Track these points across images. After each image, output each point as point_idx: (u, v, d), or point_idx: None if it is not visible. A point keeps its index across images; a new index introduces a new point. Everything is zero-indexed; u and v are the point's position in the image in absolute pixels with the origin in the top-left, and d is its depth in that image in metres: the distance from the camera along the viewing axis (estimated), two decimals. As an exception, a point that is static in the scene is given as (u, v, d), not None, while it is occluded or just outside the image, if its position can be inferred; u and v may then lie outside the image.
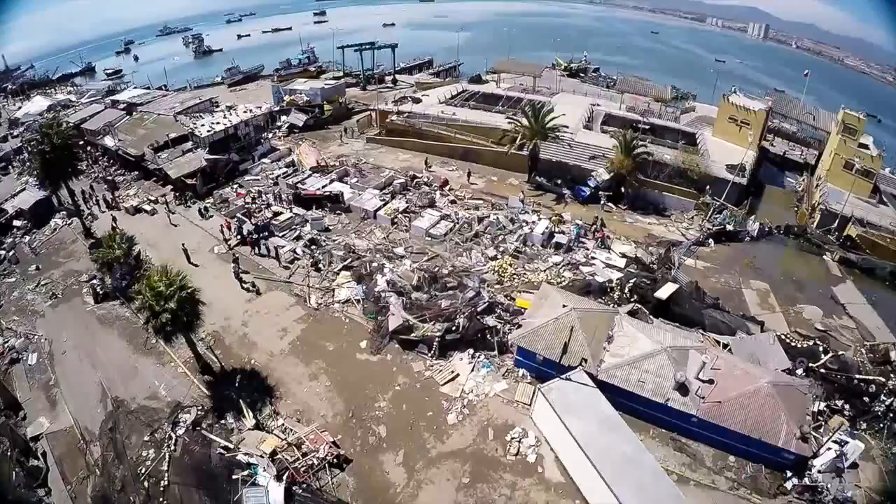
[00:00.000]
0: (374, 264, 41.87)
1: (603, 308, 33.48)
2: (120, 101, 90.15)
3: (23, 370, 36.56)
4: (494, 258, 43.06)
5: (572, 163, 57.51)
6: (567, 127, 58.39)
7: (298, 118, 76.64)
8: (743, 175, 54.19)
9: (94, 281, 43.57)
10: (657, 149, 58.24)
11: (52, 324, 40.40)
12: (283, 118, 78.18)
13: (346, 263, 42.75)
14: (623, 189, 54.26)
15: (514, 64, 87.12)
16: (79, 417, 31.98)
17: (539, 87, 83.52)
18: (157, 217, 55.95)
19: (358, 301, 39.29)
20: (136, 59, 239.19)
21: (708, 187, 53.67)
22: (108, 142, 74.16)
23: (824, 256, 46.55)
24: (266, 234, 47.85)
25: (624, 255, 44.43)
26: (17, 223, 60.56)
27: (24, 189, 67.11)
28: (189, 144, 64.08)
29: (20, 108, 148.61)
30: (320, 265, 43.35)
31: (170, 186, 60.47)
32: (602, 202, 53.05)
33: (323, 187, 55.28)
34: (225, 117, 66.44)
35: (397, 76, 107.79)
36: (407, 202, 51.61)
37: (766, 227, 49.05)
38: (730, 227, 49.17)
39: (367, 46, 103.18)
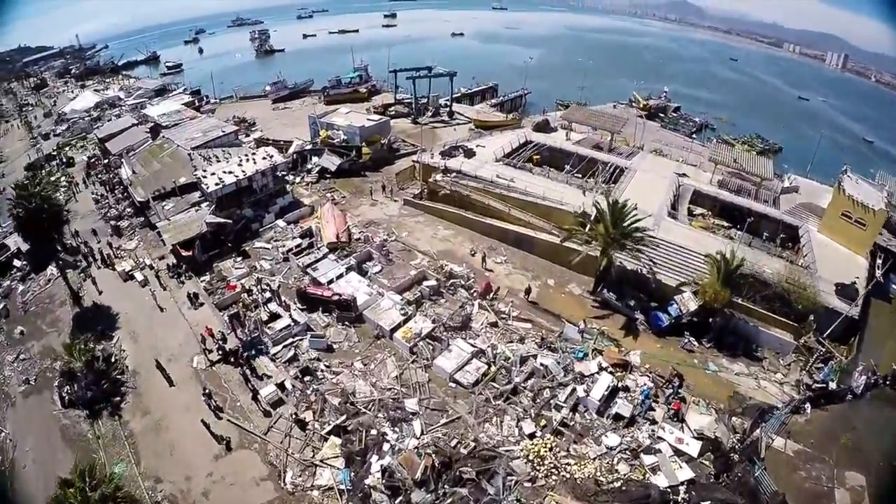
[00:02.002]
0: (373, 432, 31.06)
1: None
2: (149, 118, 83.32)
3: (-17, 477, 32.21)
4: (532, 436, 31.42)
5: (651, 275, 44.94)
6: (652, 235, 45.33)
7: (331, 161, 66.70)
8: (856, 303, 40.96)
9: (63, 379, 37.16)
10: (754, 256, 45.60)
11: (20, 418, 36.90)
12: (315, 159, 68.44)
13: (338, 422, 32.12)
14: (711, 319, 41.52)
15: (589, 114, 74.33)
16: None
17: (616, 139, 70.77)
18: (146, 291, 47.64)
19: (342, 493, 28.70)
20: (200, 51, 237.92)
21: (811, 318, 40.57)
22: (124, 172, 66.84)
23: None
24: (254, 352, 38.03)
25: (700, 436, 32.20)
26: (16, 263, 55.69)
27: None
28: (197, 195, 55.17)
29: (76, 96, 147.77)
30: (307, 418, 32.94)
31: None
32: (685, 341, 40.61)
33: (337, 278, 45.07)
34: (240, 164, 57.22)
35: (456, 105, 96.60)
36: (434, 320, 40.34)
37: (872, 379, 36.18)
38: (832, 385, 36.37)
39: (423, 73, 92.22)
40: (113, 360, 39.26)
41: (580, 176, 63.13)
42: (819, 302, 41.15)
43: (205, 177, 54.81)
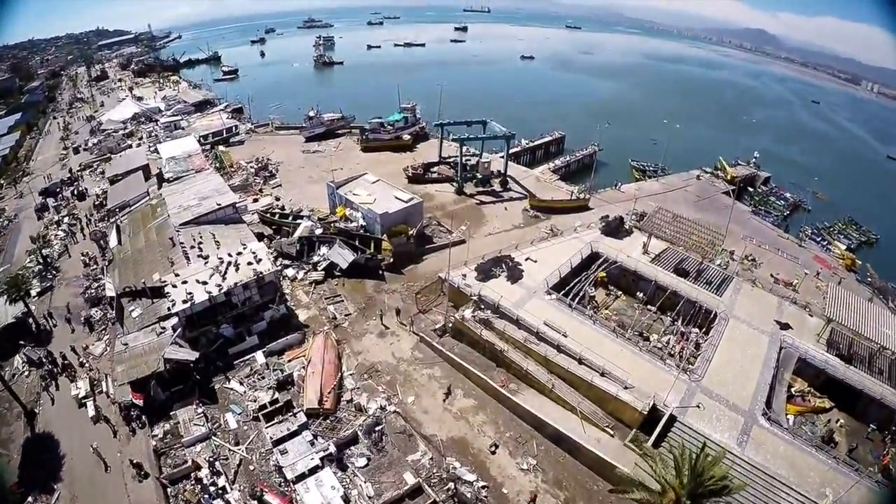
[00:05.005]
0: None
1: None
2: (159, 161, 74.39)
3: None
4: None
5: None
6: (736, 457, 31.08)
7: (343, 257, 53.76)
8: None
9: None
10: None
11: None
12: (324, 250, 56.02)
13: None
14: None
15: (678, 227, 59.11)
16: None
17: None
18: (98, 430, 39.34)
19: None
20: (262, 54, 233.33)
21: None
22: (112, 240, 57.20)
23: None
24: None
25: None
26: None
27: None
28: (167, 304, 43.84)
29: (125, 98, 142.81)
30: None
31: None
32: None
33: (310, 472, 33.32)
34: (220, 270, 45.58)
35: (512, 165, 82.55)
36: None
37: None
38: None
39: (473, 135, 78.94)
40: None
41: (655, 311, 49.56)
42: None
43: (174, 286, 43.58)
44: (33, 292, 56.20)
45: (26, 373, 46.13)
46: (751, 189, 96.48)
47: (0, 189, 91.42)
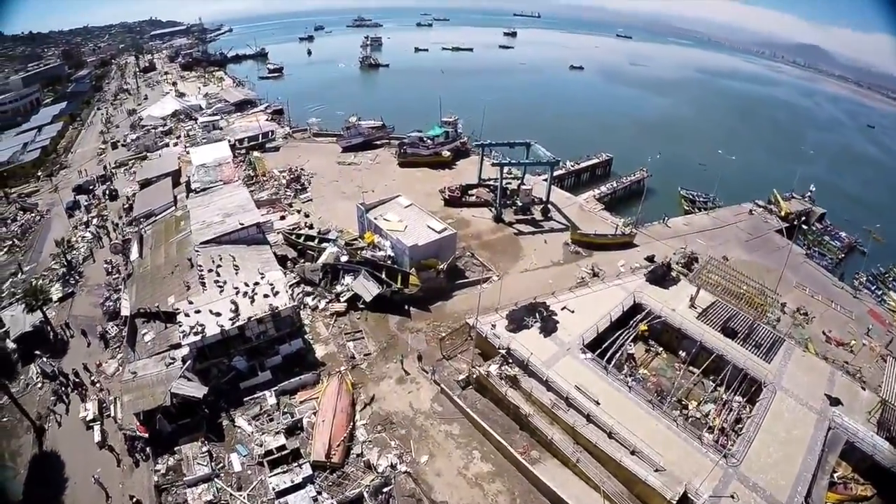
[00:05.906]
0: None
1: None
2: (190, 165, 73.39)
3: None
4: None
5: None
6: None
7: (367, 289, 50.92)
8: None
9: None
10: None
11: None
12: (348, 280, 53.33)
13: None
14: None
15: (727, 277, 54.84)
16: None
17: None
18: (103, 455, 38.55)
19: None
20: (309, 52, 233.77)
21: None
22: (133, 252, 56.08)
23: None
24: None
25: None
26: (10, 344, 48.37)
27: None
28: (178, 333, 41.92)
29: (168, 92, 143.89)
30: None
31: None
32: None
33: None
34: (234, 302, 43.32)
35: (555, 189, 78.82)
36: None
37: None
38: None
39: (514, 154, 75.31)
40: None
41: (698, 375, 45.48)
42: None
43: (187, 314, 41.60)
44: (54, 297, 55.81)
45: (40, 384, 45.45)
46: (804, 227, 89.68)
47: (37, 181, 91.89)
